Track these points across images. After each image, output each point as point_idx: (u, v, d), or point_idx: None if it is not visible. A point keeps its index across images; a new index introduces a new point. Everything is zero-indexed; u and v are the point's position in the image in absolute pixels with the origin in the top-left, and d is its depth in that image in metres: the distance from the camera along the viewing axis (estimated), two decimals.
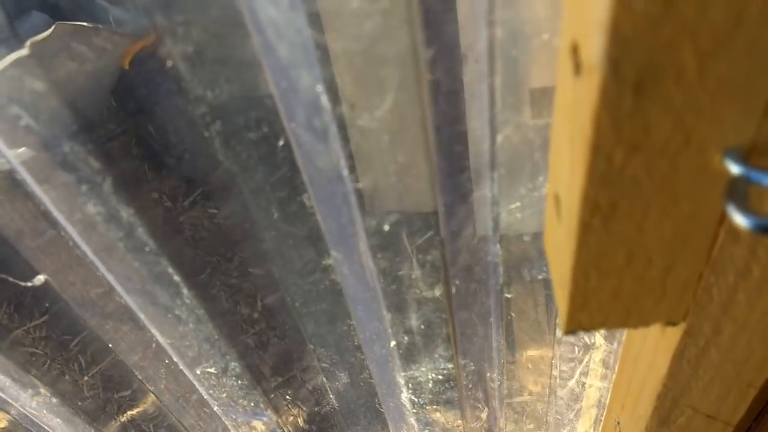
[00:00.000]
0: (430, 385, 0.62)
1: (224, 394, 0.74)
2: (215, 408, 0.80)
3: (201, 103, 0.41)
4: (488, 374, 0.71)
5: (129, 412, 0.89)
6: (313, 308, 0.63)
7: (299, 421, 0.80)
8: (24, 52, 0.77)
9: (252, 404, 0.74)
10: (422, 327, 0.53)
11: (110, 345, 0.71)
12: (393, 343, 0.56)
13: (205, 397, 0.77)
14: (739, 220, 0.21)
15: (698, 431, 0.49)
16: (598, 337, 0.89)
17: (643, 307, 0.32)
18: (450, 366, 0.59)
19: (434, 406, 0.70)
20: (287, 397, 0.75)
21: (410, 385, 0.64)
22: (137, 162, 0.79)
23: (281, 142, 0.43)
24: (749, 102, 0.21)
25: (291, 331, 0.67)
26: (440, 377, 0.61)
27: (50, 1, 0.88)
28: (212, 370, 0.68)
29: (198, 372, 0.70)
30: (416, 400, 0.67)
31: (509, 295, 0.65)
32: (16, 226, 0.68)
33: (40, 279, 0.65)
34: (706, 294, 0.31)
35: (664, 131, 0.21)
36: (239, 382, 0.70)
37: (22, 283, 0.64)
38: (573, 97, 0.24)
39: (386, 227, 0.43)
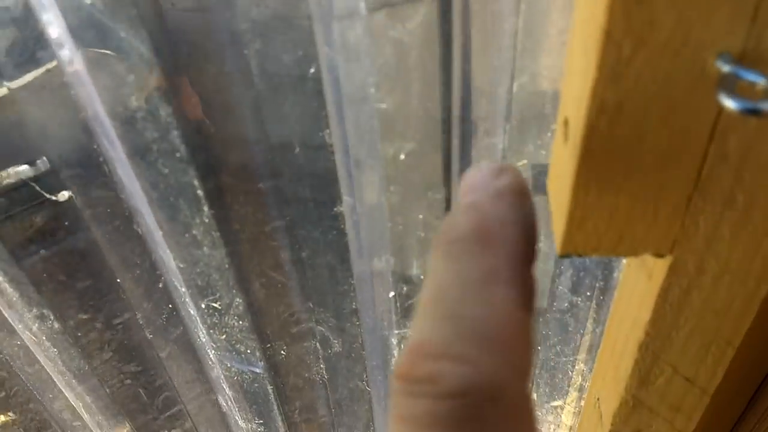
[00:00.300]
0: None
1: (224, 336, 0.76)
2: (211, 354, 0.82)
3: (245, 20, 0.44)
4: None
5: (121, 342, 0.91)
6: (319, 260, 0.65)
7: (288, 378, 0.82)
8: (39, 72, 0.78)
9: (248, 351, 0.76)
10: (421, 277, 0.56)
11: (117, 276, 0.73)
12: (392, 293, 0.59)
13: (203, 340, 0.79)
14: (729, 103, 0.24)
15: (676, 396, 0.52)
16: None
17: (634, 233, 0.35)
18: None
19: None
20: (281, 352, 0.77)
21: (402, 347, 0.66)
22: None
23: (312, 70, 0.46)
24: (740, 4, 0.24)
25: (295, 281, 0.69)
26: None
27: (78, 31, 0.87)
28: (217, 305, 0.71)
29: (203, 306, 0.73)
30: None
31: None
32: None
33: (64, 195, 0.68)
34: (693, 223, 0.34)
35: (667, 26, 0.25)
36: (240, 323, 0.72)
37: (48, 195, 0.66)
38: (590, 6, 0.27)
39: (402, 156, 0.46)
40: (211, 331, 0.76)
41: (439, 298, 0.23)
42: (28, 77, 0.76)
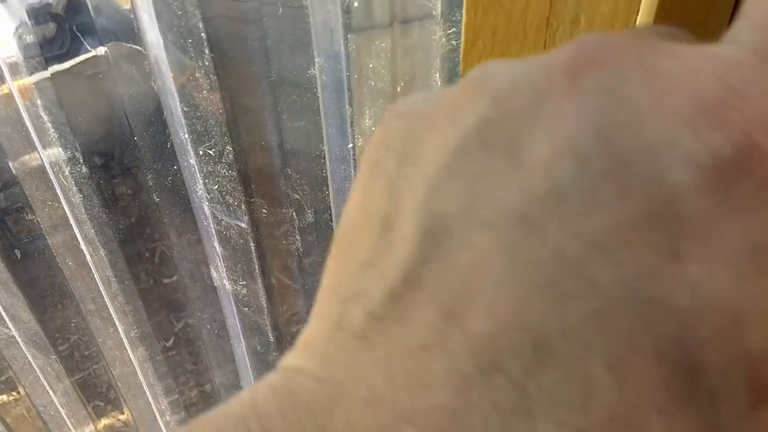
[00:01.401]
0: None
1: (216, 186, 0.87)
2: (206, 208, 0.93)
3: None
4: None
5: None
6: (296, 123, 0.76)
7: (266, 240, 0.93)
8: (68, 65, 0.87)
9: (236, 203, 0.87)
10: (373, 128, 0.66)
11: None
12: (350, 144, 0.70)
13: (200, 193, 0.90)
14: None
15: None
16: None
17: (511, 52, 0.46)
18: None
19: None
20: (263, 210, 0.88)
21: None
22: None
23: None
24: None
25: (275, 143, 0.80)
26: None
27: (109, 27, 0.90)
28: (212, 152, 0.81)
29: (201, 152, 0.83)
30: None
31: None
32: None
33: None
34: (552, 43, 0.45)
35: None
36: (230, 172, 0.83)
37: None
38: None
39: (355, 4, 0.56)
40: (207, 180, 0.87)
41: None
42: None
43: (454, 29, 0.56)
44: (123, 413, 1.55)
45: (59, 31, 0.83)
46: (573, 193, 0.13)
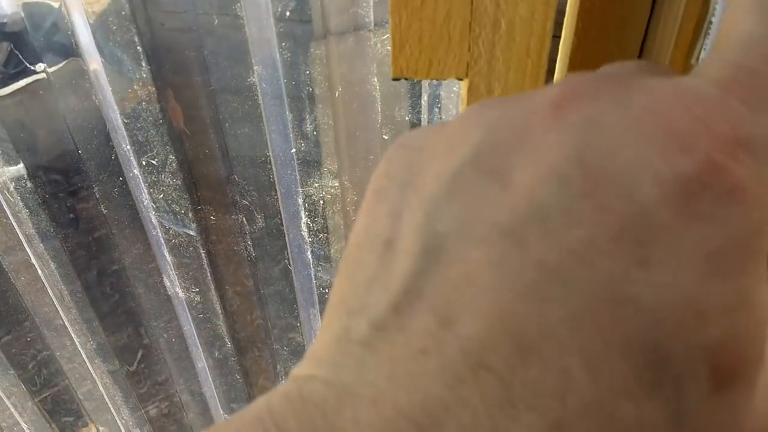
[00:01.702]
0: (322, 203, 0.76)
1: (161, 195, 0.86)
2: (153, 217, 0.92)
3: None
4: None
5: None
6: (240, 131, 0.76)
7: (217, 247, 0.93)
8: (23, 83, 0.86)
9: (182, 212, 0.86)
10: (315, 132, 0.67)
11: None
12: (293, 149, 0.70)
13: (146, 203, 0.89)
14: None
15: None
16: None
17: (438, 57, 0.47)
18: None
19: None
20: (211, 217, 0.88)
21: (306, 205, 0.77)
22: None
23: None
24: None
25: (218, 150, 0.79)
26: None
27: (67, 44, 0.89)
28: (155, 162, 0.81)
29: (144, 163, 0.83)
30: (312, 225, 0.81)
31: None
32: None
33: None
34: (476, 47, 0.46)
35: None
36: (174, 181, 0.83)
37: None
38: None
39: (287, 14, 0.57)
40: (152, 190, 0.86)
41: None
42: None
43: (387, 35, 0.56)
44: (89, 428, 1.53)
45: (11, 53, 0.82)
46: (554, 210, 0.14)
